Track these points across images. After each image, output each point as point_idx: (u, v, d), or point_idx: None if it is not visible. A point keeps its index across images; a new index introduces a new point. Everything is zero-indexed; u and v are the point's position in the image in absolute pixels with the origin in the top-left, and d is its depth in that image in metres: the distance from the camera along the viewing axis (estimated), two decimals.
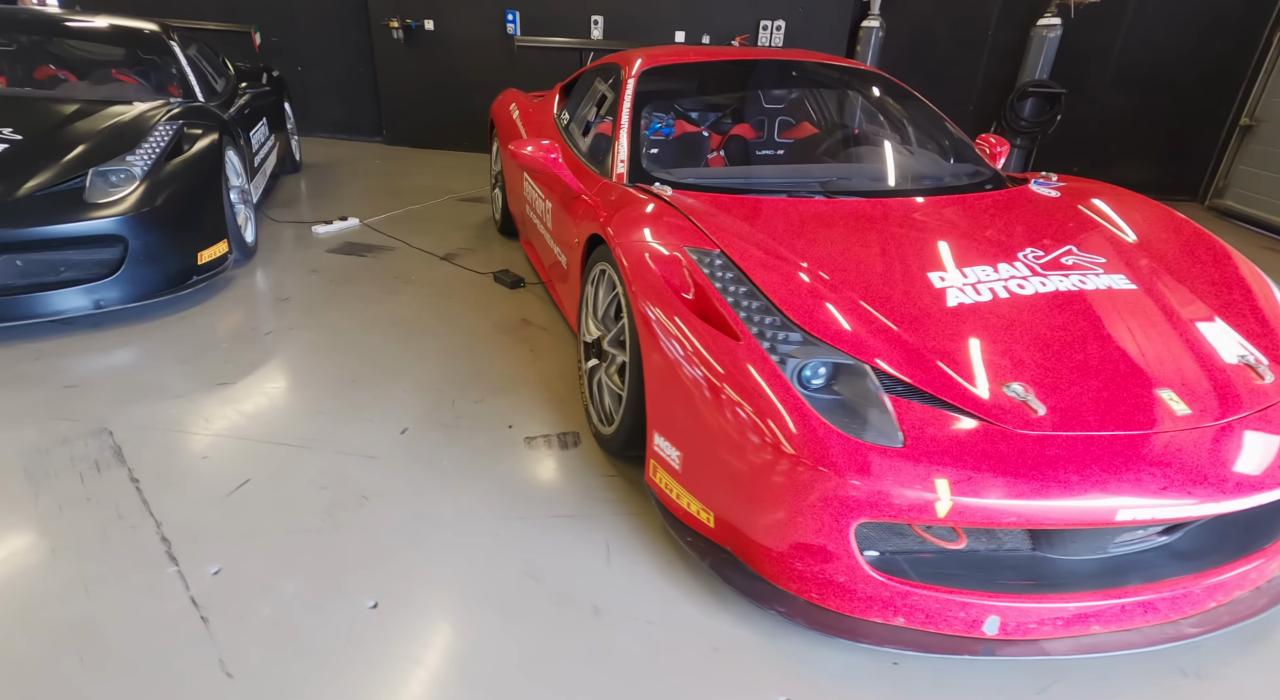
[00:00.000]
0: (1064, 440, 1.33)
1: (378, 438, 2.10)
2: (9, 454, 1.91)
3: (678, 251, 1.66)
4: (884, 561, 1.45)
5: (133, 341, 2.68)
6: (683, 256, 1.65)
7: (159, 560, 1.56)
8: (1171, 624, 1.42)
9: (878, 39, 6.32)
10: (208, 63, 4.48)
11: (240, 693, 1.26)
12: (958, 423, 1.35)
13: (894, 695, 1.35)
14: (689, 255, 1.64)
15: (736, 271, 1.59)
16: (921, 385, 1.40)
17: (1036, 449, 1.31)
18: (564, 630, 1.45)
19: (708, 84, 2.95)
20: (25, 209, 2.57)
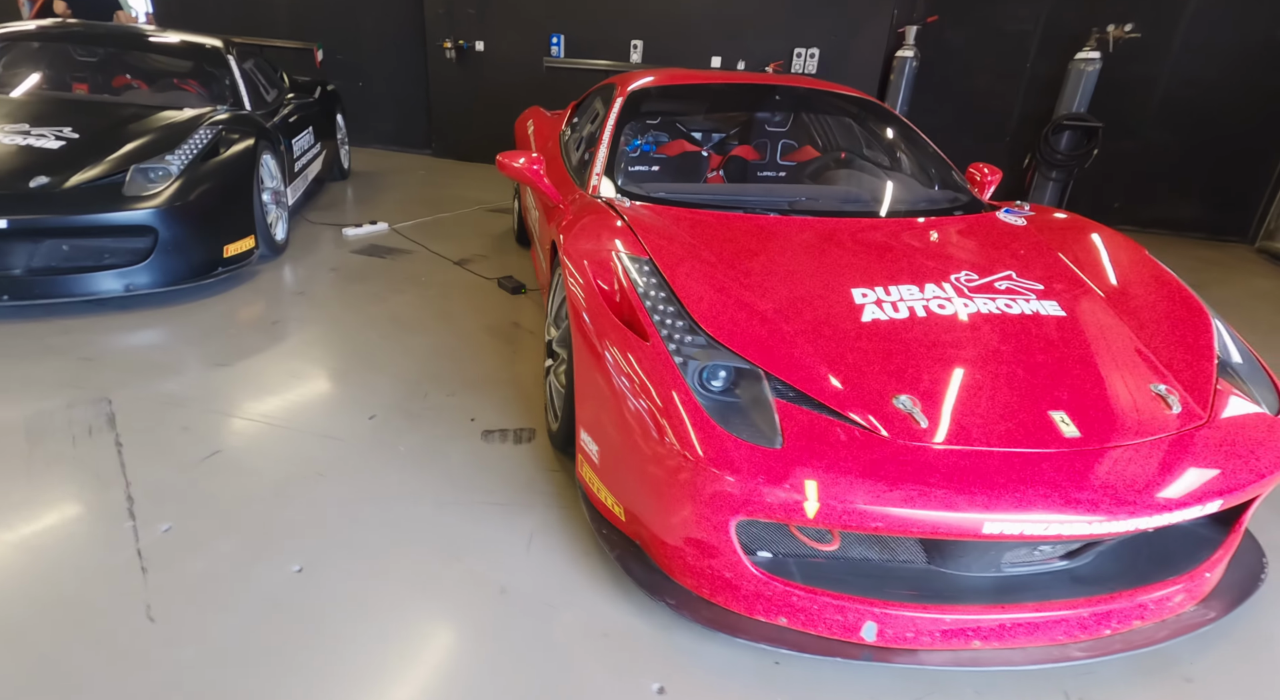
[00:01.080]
0: (939, 452, 1.36)
1: (347, 422, 2.25)
2: (17, 415, 2.13)
3: (611, 258, 1.76)
4: (776, 563, 1.49)
5: (154, 323, 2.93)
6: (615, 262, 1.74)
7: (119, 516, 1.72)
8: (1058, 646, 1.41)
9: (911, 69, 6.32)
10: (263, 76, 4.85)
11: (157, 636, 1.40)
12: (838, 430, 1.39)
13: (769, 693, 1.38)
14: (620, 261, 1.73)
15: (660, 278, 1.67)
16: (811, 393, 1.45)
17: (909, 458, 1.34)
18: (468, 607, 1.54)
19: (696, 105, 3.06)
20: (69, 198, 2.86)
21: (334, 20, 8.04)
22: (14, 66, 4.18)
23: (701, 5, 6.72)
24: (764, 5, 6.55)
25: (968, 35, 6.43)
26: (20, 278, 2.88)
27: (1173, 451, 1.43)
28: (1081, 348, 1.65)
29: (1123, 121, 6.16)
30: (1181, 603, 1.52)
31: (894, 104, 6.45)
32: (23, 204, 2.80)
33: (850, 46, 6.45)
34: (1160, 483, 1.36)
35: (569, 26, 7.18)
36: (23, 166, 2.93)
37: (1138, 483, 1.35)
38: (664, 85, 2.89)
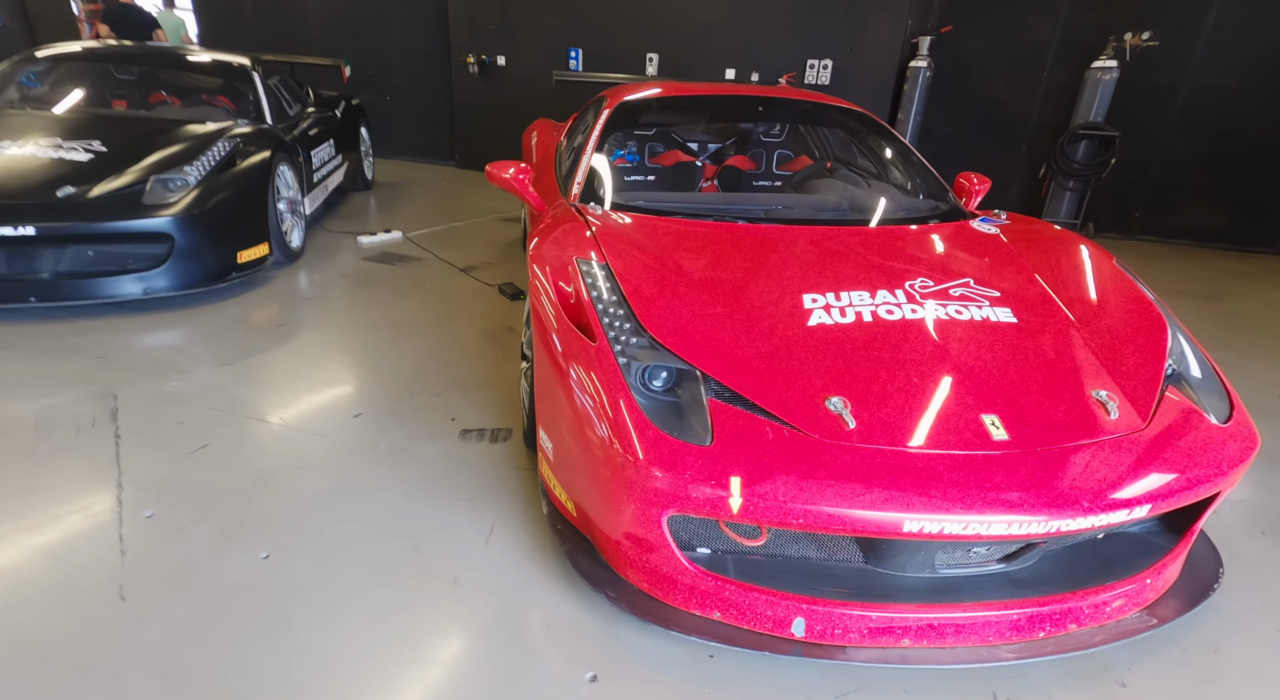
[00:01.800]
0: (863, 452, 1.39)
1: (332, 419, 2.35)
2: (29, 408, 2.29)
3: (571, 263, 1.83)
4: (714, 560, 1.53)
5: (168, 325, 3.09)
6: (574, 268, 1.81)
7: (108, 502, 1.84)
8: (987, 647, 1.43)
9: (925, 79, 6.30)
10: (287, 91, 5.07)
11: (125, 613, 1.50)
12: (767, 429, 1.43)
13: (700, 685, 1.42)
14: (578, 266, 1.80)
15: (614, 284, 1.73)
16: (746, 394, 1.49)
17: (833, 458, 1.37)
18: (420, 595, 1.61)
19: (683, 117, 3.12)
20: (93, 207, 3.05)
21: (364, 38, 8.35)
22: (60, 84, 4.46)
23: (715, 19, 6.80)
24: (777, 18, 6.61)
25: (983, 45, 6.39)
26: (47, 281, 3.08)
27: (1104, 456, 1.44)
28: (1026, 353, 1.66)
29: (1143, 131, 6.04)
30: (1121, 608, 1.51)
31: (907, 115, 6.44)
32: (50, 212, 2.99)
33: (863, 57, 6.46)
34: (1086, 486, 1.37)
35: (586, 40, 7.34)
36: (52, 177, 3.14)
37: (1063, 485, 1.36)
38: (651, 97, 2.96)
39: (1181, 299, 4.47)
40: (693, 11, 6.85)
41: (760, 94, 3.07)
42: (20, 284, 3.04)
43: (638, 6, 7.02)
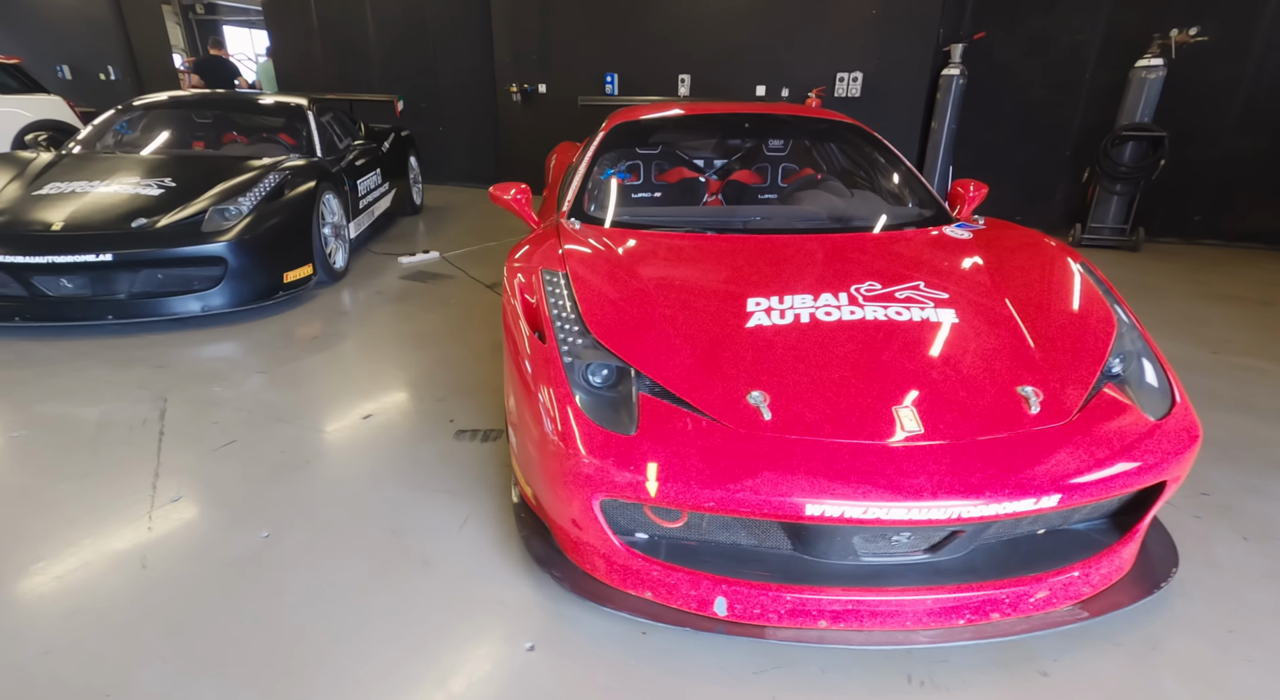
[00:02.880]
0: (774, 441, 1.47)
1: (344, 420, 2.60)
2: (95, 409, 2.64)
3: (537, 273, 2.00)
4: (652, 544, 1.64)
5: (221, 338, 3.46)
6: (538, 277, 1.98)
7: (144, 488, 2.13)
8: (903, 631, 1.48)
9: (958, 87, 6.23)
10: (339, 126, 5.53)
11: (144, 579, 1.74)
12: (688, 421, 1.54)
13: (628, 658, 1.53)
14: (543, 276, 1.97)
15: (570, 291, 1.89)
16: (674, 389, 1.60)
17: (745, 446, 1.47)
18: (392, 572, 1.79)
19: (676, 135, 3.26)
20: (159, 235, 3.47)
21: (418, 74, 8.92)
22: (148, 130, 5.03)
23: (745, 37, 6.95)
24: (806, 34, 6.69)
25: (1020, 49, 6.27)
26: (123, 301, 3.50)
27: (1016, 448, 1.47)
28: (958, 351, 1.71)
29: (1199, 130, 5.77)
30: (1047, 601, 1.53)
31: (941, 123, 6.37)
32: (125, 241, 3.42)
33: (894, 68, 6.45)
34: (991, 475, 1.41)
35: (622, 65, 7.62)
36: (129, 211, 3.58)
37: (967, 474, 1.41)
38: (644, 119, 3.13)
39: (1229, 304, 4.24)
40: (724, 32, 7.02)
41: (752, 111, 3.19)
42: (100, 304, 3.48)
43: (670, 30, 7.25)
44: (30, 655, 1.51)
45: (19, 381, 2.90)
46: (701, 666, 1.51)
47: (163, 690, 1.43)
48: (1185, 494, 2.15)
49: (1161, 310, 4.10)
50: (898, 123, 6.60)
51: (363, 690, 1.43)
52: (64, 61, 12.60)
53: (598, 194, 2.75)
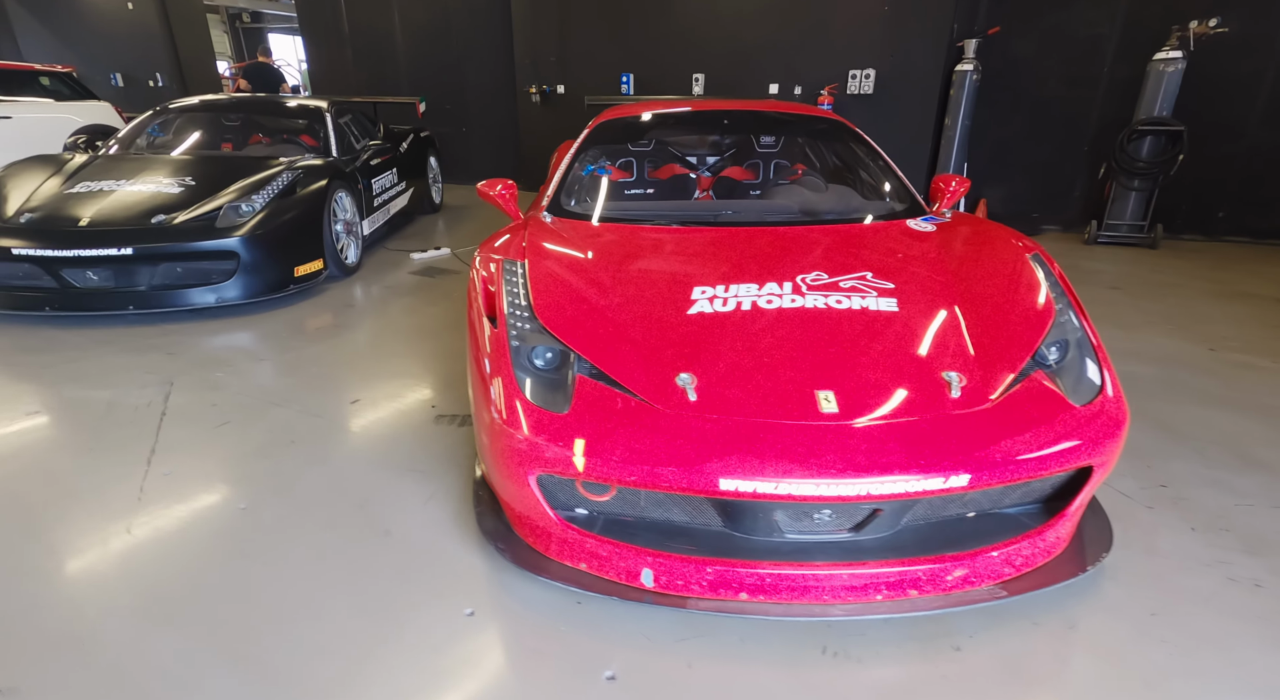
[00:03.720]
0: (695, 421, 1.54)
1: (332, 404, 2.74)
2: (107, 392, 2.83)
3: (495, 261, 2.10)
4: (590, 519, 1.72)
5: (232, 329, 3.65)
6: (499, 266, 2.08)
7: (139, 462, 2.29)
8: (820, 605, 1.53)
9: (972, 82, 6.15)
10: (357, 127, 5.74)
11: (128, 544, 1.89)
12: (618, 401, 1.62)
13: (559, 625, 1.62)
14: (504, 266, 2.07)
15: (524, 279, 1.99)
16: (608, 371, 1.68)
17: (667, 425, 1.54)
18: (353, 543, 1.91)
19: (663, 132, 3.33)
20: (176, 230, 3.68)
21: (442, 77, 9.16)
22: (179, 132, 5.30)
23: (758, 37, 6.97)
24: (819, 31, 6.68)
25: (1036, 43, 6.17)
26: (144, 292, 3.73)
27: (928, 429, 1.51)
28: (890, 338, 1.75)
29: (1221, 123, 5.60)
30: (964, 580, 1.57)
31: (955, 119, 6.30)
32: (144, 236, 3.64)
33: (907, 65, 6.40)
34: (899, 454, 1.46)
35: (637, 66, 7.71)
36: (150, 208, 3.81)
37: (877, 454, 1.46)
38: (628, 117, 3.21)
39: (1242, 301, 4.13)
40: (737, 31, 7.05)
41: (734, 108, 3.24)
42: (122, 295, 3.71)
43: (685, 31, 7.31)
44: (18, 608, 1.67)
45: (44, 365, 3.13)
46: (627, 634, 1.58)
47: (129, 640, 1.56)
48: (1142, 485, 2.15)
49: (1165, 307, 4.02)
50: (911, 120, 6.55)
51: (308, 645, 1.55)
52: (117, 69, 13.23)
53: (577, 189, 2.84)
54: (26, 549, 1.88)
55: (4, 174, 4.21)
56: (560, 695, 1.42)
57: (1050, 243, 6.00)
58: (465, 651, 1.53)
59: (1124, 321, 3.78)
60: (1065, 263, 5.19)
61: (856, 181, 2.94)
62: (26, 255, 3.60)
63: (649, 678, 1.46)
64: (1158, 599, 1.66)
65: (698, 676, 1.47)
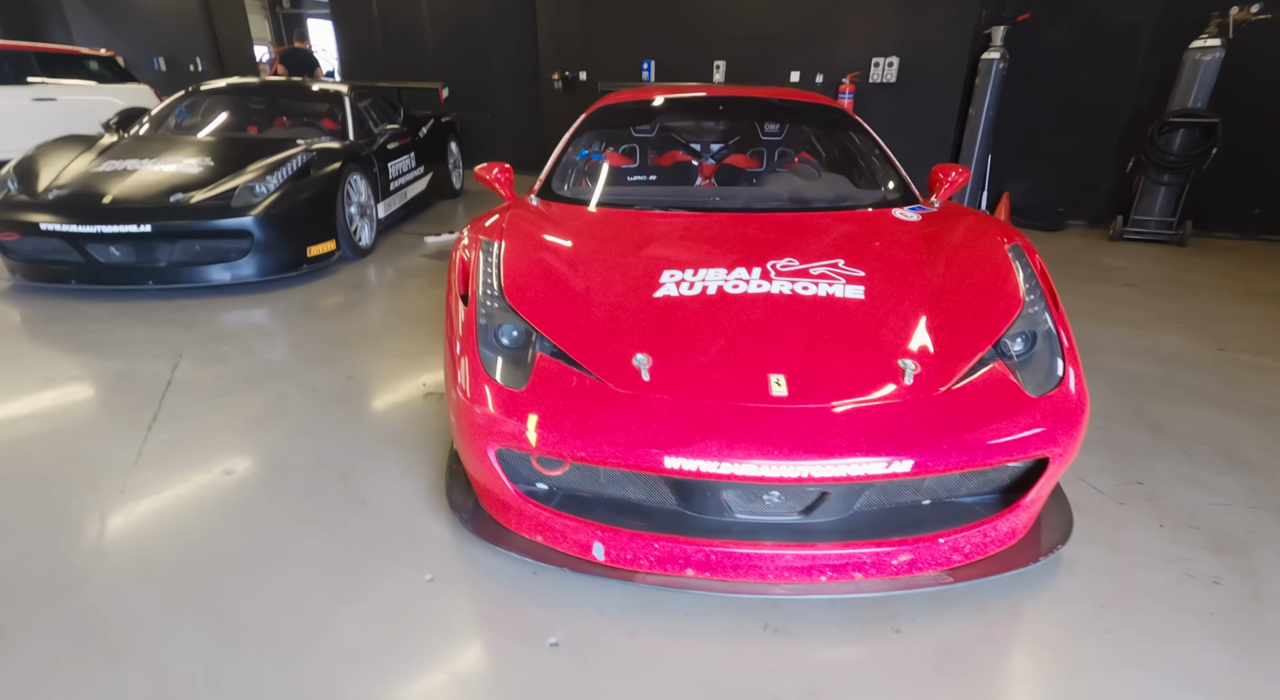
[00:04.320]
0: (645, 400, 1.57)
1: (329, 380, 2.84)
2: (119, 363, 2.98)
3: (479, 243, 2.15)
4: (549, 494, 1.77)
5: (245, 306, 3.79)
6: (479, 247, 2.13)
7: (141, 428, 2.41)
8: (764, 583, 1.56)
9: (999, 71, 6.00)
10: (376, 112, 5.84)
11: (120, 503, 2.00)
12: (574, 379, 1.66)
13: (514, 593, 1.67)
14: (482, 246, 2.12)
15: (499, 258, 2.03)
16: (568, 350, 1.72)
17: (619, 404, 1.57)
18: (329, 508, 1.99)
19: (660, 118, 3.33)
20: (193, 209, 3.82)
21: (467, 63, 9.25)
22: (207, 114, 5.45)
23: (780, 23, 6.89)
24: (842, 18, 6.58)
25: (1068, 31, 5.98)
26: (163, 268, 3.88)
27: (875, 415, 1.52)
28: (851, 325, 1.75)
29: (1260, 116, 5.38)
30: (911, 564, 1.58)
31: (979, 109, 6.16)
32: (162, 213, 3.79)
33: (931, 53, 6.27)
34: (843, 438, 1.47)
35: (658, 52, 7.68)
36: (169, 187, 3.95)
37: (819, 436, 1.48)
38: (624, 102, 3.23)
39: (1264, 302, 4.00)
40: (759, 18, 6.98)
41: (732, 94, 3.24)
42: (142, 271, 3.87)
43: (707, 17, 7.26)
44: (13, 555, 1.79)
45: (64, 335, 3.29)
46: (577, 604, 1.63)
47: (111, 591, 1.67)
48: (1118, 481, 2.12)
49: (1182, 306, 3.91)
50: (934, 109, 6.43)
51: (275, 602, 1.63)
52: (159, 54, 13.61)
53: (568, 174, 2.88)
54: (26, 502, 2.00)
55: (37, 152, 4.40)
56: (503, 658, 1.48)
57: (1074, 239, 5.85)
58: (420, 614, 1.60)
59: (1134, 319, 3.69)
60: (1085, 260, 5.07)
61: (851, 170, 2.92)
62: (54, 230, 3.78)
63: (591, 645, 1.51)
64: (1110, 592, 1.65)
65: (638, 646, 1.51)
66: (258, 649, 1.49)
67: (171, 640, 1.52)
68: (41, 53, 8.94)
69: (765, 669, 1.45)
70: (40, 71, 8.50)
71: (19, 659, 1.47)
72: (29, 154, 4.37)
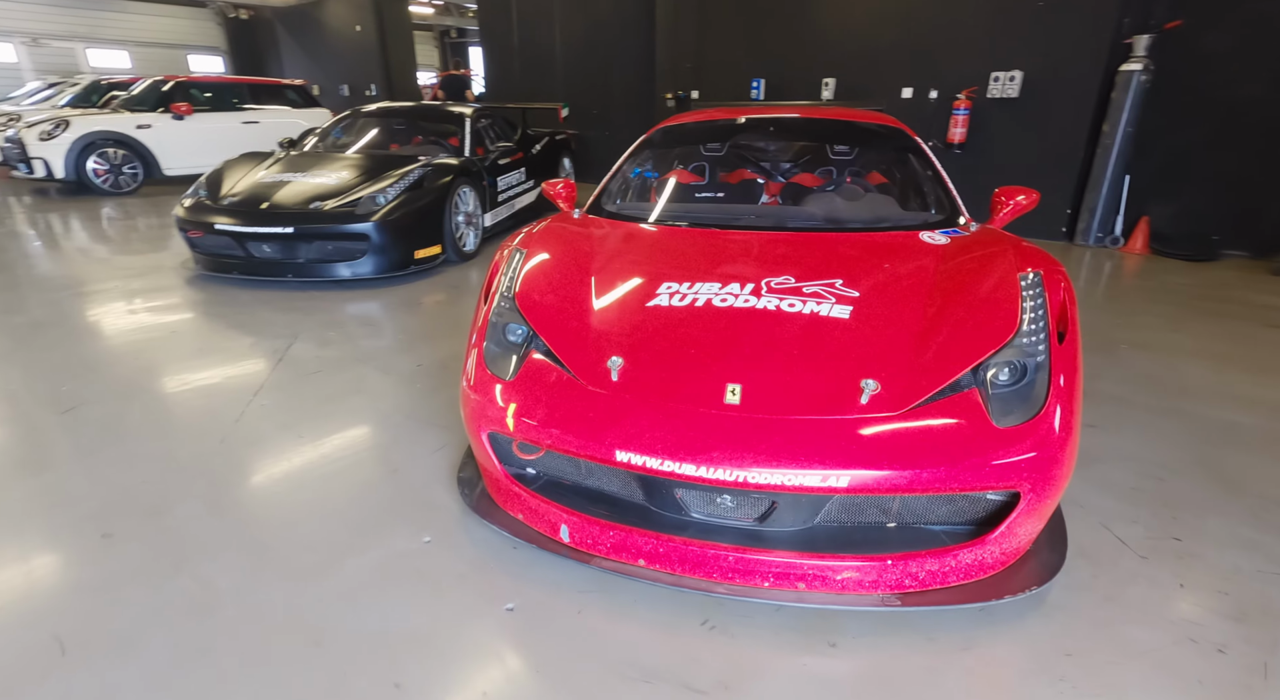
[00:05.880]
0: (609, 398, 1.70)
1: (400, 365, 3.22)
2: (250, 340, 3.56)
3: (508, 247, 2.38)
4: (534, 478, 1.95)
5: (360, 299, 4.34)
6: (507, 251, 2.36)
7: (249, 393, 2.90)
8: (707, 580, 1.63)
9: (1139, 84, 5.48)
10: (494, 130, 6.41)
11: (214, 450, 2.44)
12: (553, 375, 1.82)
13: (490, 562, 1.86)
14: (512, 253, 2.35)
15: (521, 265, 2.25)
16: (555, 350, 1.89)
17: (586, 400, 1.71)
18: (367, 472, 2.30)
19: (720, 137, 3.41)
20: (325, 215, 4.44)
21: (591, 85, 9.80)
22: (358, 133, 6.26)
23: (894, 39, 6.71)
24: (958, 30, 6.30)
25: (1231, 37, 5.33)
26: (301, 264, 4.56)
27: (819, 430, 1.54)
28: (824, 342, 1.77)
29: None
30: (856, 583, 1.58)
31: (1115, 125, 5.65)
32: (302, 218, 4.44)
33: (1061, 65, 5.84)
34: (779, 449, 1.52)
35: (768, 71, 7.73)
36: (312, 195, 4.62)
37: (757, 444, 1.53)
38: (686, 123, 3.37)
39: None
40: (870, 33, 6.84)
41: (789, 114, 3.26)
42: (284, 265, 4.56)
43: (818, 34, 7.22)
44: (136, 480, 2.25)
45: (219, 315, 3.98)
46: (540, 578, 1.79)
47: (188, 517, 2.05)
48: (1151, 534, 1.94)
49: None
50: (1059, 126, 5.96)
51: (302, 541, 1.94)
52: (345, 82, 15.59)
53: (616, 190, 3.06)
54: (157, 442, 2.49)
55: (224, 165, 5.31)
56: (462, 613, 1.67)
57: (1227, 271, 5.18)
58: (409, 568, 1.84)
59: (1261, 365, 3.25)
60: (1231, 295, 4.49)
61: (900, 190, 2.86)
62: (224, 229, 4.55)
63: (541, 615, 1.66)
64: (1084, 642, 1.54)
65: (581, 622, 1.64)
66: (276, 577, 1.80)
67: (217, 561, 1.86)
68: (252, 84, 10.61)
69: (689, 659, 1.52)
70: (250, 99, 10.12)
71: (115, 561, 1.87)
72: (217, 167, 5.28)
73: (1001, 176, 6.22)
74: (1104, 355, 3.39)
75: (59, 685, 1.45)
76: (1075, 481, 2.22)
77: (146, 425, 2.63)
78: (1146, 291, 4.68)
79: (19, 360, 3.27)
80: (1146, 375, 3.15)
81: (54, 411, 2.73)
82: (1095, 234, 6.02)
